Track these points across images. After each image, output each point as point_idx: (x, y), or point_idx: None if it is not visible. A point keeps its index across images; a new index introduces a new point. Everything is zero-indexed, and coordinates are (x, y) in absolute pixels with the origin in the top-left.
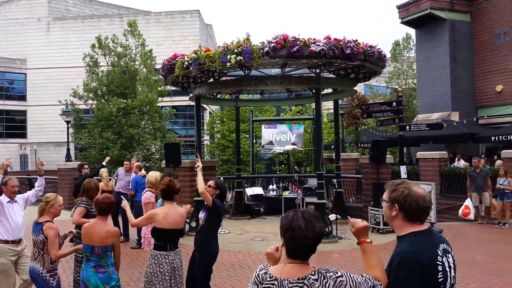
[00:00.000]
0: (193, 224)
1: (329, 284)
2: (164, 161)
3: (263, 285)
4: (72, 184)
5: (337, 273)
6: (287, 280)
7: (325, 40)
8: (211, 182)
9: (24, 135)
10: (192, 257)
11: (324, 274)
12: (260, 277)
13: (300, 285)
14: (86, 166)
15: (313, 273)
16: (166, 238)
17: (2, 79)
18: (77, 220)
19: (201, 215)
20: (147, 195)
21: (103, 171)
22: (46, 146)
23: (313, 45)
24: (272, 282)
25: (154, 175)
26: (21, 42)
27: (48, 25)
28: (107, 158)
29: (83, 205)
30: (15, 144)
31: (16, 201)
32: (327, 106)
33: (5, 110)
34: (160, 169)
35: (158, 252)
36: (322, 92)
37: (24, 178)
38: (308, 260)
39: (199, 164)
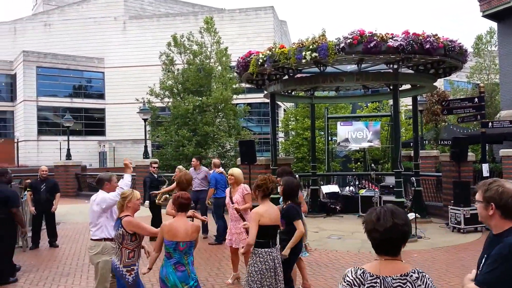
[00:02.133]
0: None
1: (429, 285)
2: (239, 159)
3: (366, 285)
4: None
5: (431, 281)
6: (390, 277)
7: (404, 35)
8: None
9: (102, 133)
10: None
11: (423, 274)
12: (360, 277)
13: (404, 281)
14: (154, 165)
15: (413, 271)
16: (269, 235)
17: (81, 77)
18: (170, 211)
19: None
20: (246, 188)
21: (181, 168)
22: (124, 144)
23: (390, 40)
24: (375, 280)
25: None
26: (99, 41)
27: (125, 24)
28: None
29: None
30: (94, 142)
31: None
32: (405, 102)
33: (84, 108)
34: (235, 166)
35: (263, 249)
36: (400, 88)
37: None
38: (400, 256)
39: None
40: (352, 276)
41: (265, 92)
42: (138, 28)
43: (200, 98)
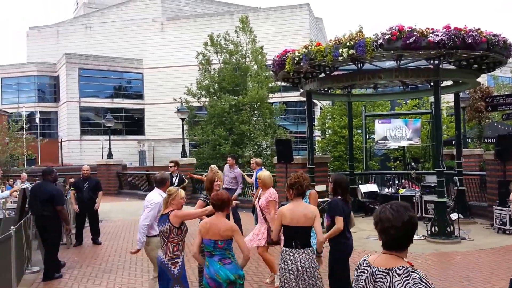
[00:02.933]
0: (321, 220)
1: (408, 284)
2: (275, 158)
3: (360, 270)
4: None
5: (422, 280)
6: (376, 268)
7: (445, 29)
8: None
9: (142, 132)
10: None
11: (410, 272)
12: (360, 263)
13: (385, 274)
14: (170, 165)
15: (400, 267)
16: (290, 235)
17: (121, 78)
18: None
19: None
20: (272, 194)
21: (214, 167)
22: (163, 143)
23: (431, 35)
24: (366, 268)
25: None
26: (138, 42)
27: (162, 25)
28: None
29: (203, 198)
30: (134, 141)
31: None
32: (447, 99)
33: (124, 109)
34: (272, 165)
35: (285, 248)
36: (441, 85)
37: (142, 174)
38: (405, 253)
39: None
40: (359, 262)
41: (301, 90)
42: (175, 29)
43: (236, 97)
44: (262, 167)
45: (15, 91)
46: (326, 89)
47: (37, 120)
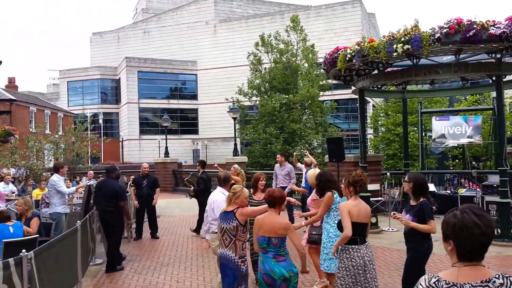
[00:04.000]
0: (373, 219)
1: None
2: (326, 156)
3: None
4: None
5: None
6: (468, 284)
7: (507, 21)
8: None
9: (196, 132)
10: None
11: (510, 278)
12: (434, 285)
13: None
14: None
15: (497, 276)
16: (356, 232)
17: (176, 80)
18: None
19: (406, 215)
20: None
21: (237, 167)
22: (215, 142)
23: (492, 28)
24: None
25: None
26: (192, 45)
27: (215, 27)
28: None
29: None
30: (188, 140)
31: None
32: (510, 94)
33: (179, 109)
34: (323, 164)
35: (349, 246)
36: (504, 79)
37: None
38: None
39: None
40: (425, 284)
41: (353, 88)
42: (227, 31)
43: (287, 96)
44: (312, 166)
45: (80, 94)
46: (379, 86)
47: (100, 121)
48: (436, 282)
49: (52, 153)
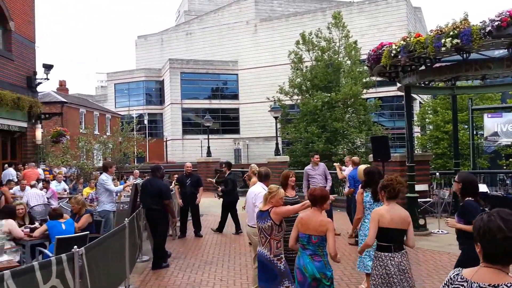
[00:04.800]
0: (421, 221)
1: None
2: (371, 155)
3: (453, 286)
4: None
5: None
6: (476, 283)
7: None
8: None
9: (237, 131)
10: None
11: None
12: (452, 278)
13: None
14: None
15: (509, 284)
16: (390, 239)
17: (218, 80)
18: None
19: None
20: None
21: (255, 167)
22: (256, 141)
23: None
24: (462, 283)
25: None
26: (233, 45)
27: (256, 26)
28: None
29: None
30: (229, 140)
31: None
32: None
33: (221, 109)
34: (366, 163)
35: (383, 253)
36: None
37: (238, 171)
38: (508, 268)
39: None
40: (449, 276)
41: (399, 84)
42: (267, 30)
43: (329, 94)
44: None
45: (126, 96)
46: (426, 82)
47: (145, 122)
48: (455, 275)
49: (101, 153)
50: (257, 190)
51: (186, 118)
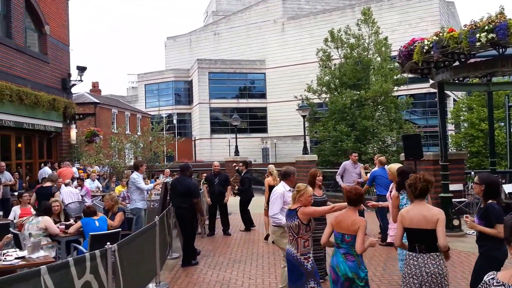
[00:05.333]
0: (456, 222)
1: None
2: (402, 154)
3: None
4: None
5: None
6: None
7: None
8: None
9: (265, 130)
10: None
11: None
12: (487, 282)
13: None
14: (237, 163)
15: None
16: (411, 238)
17: (245, 79)
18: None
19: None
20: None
21: (272, 167)
22: (284, 140)
23: None
24: (498, 287)
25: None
26: (260, 44)
27: (283, 25)
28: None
29: None
30: (257, 139)
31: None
32: None
33: (248, 108)
34: (398, 162)
35: (407, 252)
36: None
37: (265, 170)
38: None
39: None
40: (484, 280)
41: (432, 81)
42: (295, 28)
43: (358, 92)
44: (385, 166)
45: (156, 96)
46: (460, 79)
47: (175, 121)
48: (491, 279)
49: (132, 152)
50: (276, 189)
51: (214, 117)
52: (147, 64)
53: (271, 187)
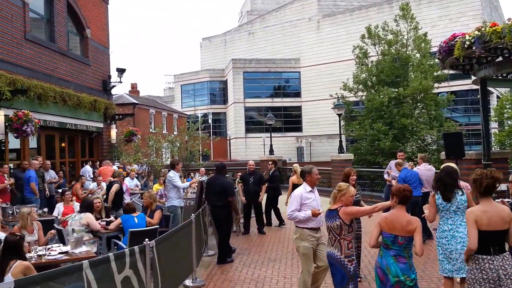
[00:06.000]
0: None
1: None
2: (443, 153)
3: None
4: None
5: None
6: None
7: None
8: None
9: (299, 129)
10: None
11: None
12: None
13: None
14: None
15: None
16: (489, 242)
17: (280, 78)
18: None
19: None
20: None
21: (297, 166)
22: (319, 139)
23: None
24: None
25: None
26: (295, 43)
27: (318, 23)
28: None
29: None
30: (292, 138)
31: (314, 189)
32: None
33: (283, 107)
34: (439, 161)
35: (480, 256)
36: None
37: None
38: None
39: None
40: None
41: (474, 77)
42: (331, 25)
43: (396, 90)
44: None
45: (191, 96)
46: (504, 75)
47: (210, 121)
48: None
49: (169, 151)
50: (296, 191)
51: (248, 116)
52: (183, 65)
53: (295, 186)
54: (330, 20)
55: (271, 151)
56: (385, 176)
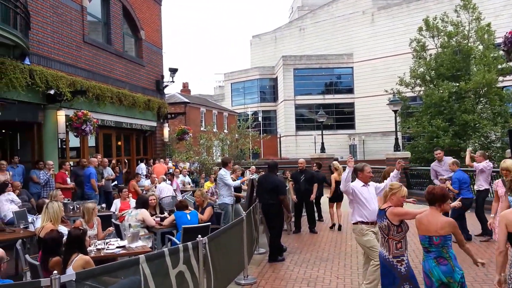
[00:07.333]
0: None
1: None
2: (508, 150)
3: None
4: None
5: None
6: None
7: None
8: None
9: (352, 126)
10: None
11: None
12: None
13: None
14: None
15: None
16: None
17: (331, 74)
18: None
19: None
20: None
21: (337, 163)
22: (373, 136)
23: None
24: None
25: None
26: (347, 37)
27: (373, 16)
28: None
29: None
30: (344, 135)
31: (369, 185)
32: None
33: (335, 104)
34: (503, 159)
35: None
36: None
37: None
38: None
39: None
40: None
41: None
42: (386, 18)
43: (457, 84)
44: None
45: (241, 94)
46: None
47: (260, 119)
48: None
49: (220, 149)
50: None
51: (299, 114)
52: (233, 63)
53: (337, 183)
54: (385, 12)
55: (323, 149)
56: (436, 181)
